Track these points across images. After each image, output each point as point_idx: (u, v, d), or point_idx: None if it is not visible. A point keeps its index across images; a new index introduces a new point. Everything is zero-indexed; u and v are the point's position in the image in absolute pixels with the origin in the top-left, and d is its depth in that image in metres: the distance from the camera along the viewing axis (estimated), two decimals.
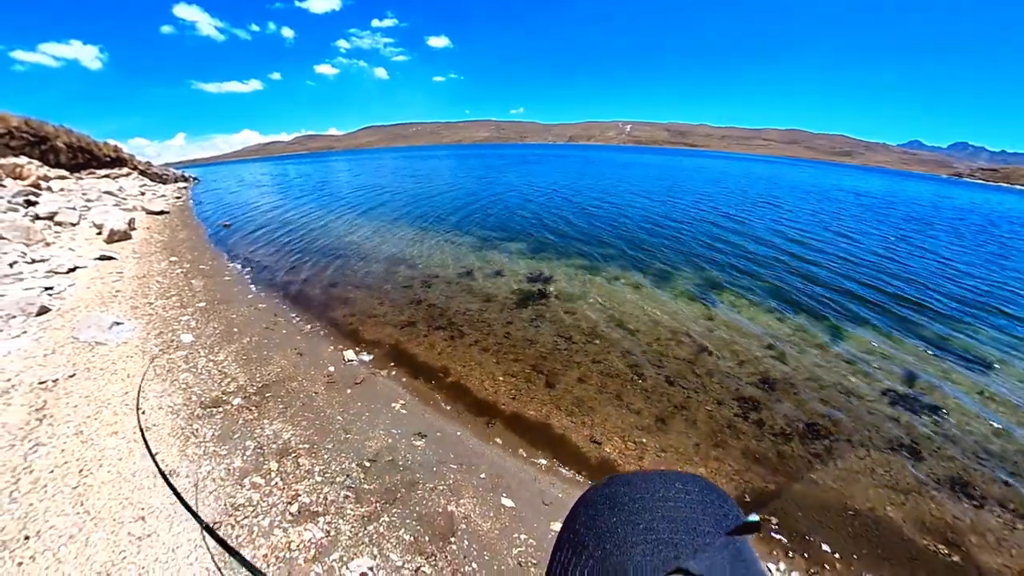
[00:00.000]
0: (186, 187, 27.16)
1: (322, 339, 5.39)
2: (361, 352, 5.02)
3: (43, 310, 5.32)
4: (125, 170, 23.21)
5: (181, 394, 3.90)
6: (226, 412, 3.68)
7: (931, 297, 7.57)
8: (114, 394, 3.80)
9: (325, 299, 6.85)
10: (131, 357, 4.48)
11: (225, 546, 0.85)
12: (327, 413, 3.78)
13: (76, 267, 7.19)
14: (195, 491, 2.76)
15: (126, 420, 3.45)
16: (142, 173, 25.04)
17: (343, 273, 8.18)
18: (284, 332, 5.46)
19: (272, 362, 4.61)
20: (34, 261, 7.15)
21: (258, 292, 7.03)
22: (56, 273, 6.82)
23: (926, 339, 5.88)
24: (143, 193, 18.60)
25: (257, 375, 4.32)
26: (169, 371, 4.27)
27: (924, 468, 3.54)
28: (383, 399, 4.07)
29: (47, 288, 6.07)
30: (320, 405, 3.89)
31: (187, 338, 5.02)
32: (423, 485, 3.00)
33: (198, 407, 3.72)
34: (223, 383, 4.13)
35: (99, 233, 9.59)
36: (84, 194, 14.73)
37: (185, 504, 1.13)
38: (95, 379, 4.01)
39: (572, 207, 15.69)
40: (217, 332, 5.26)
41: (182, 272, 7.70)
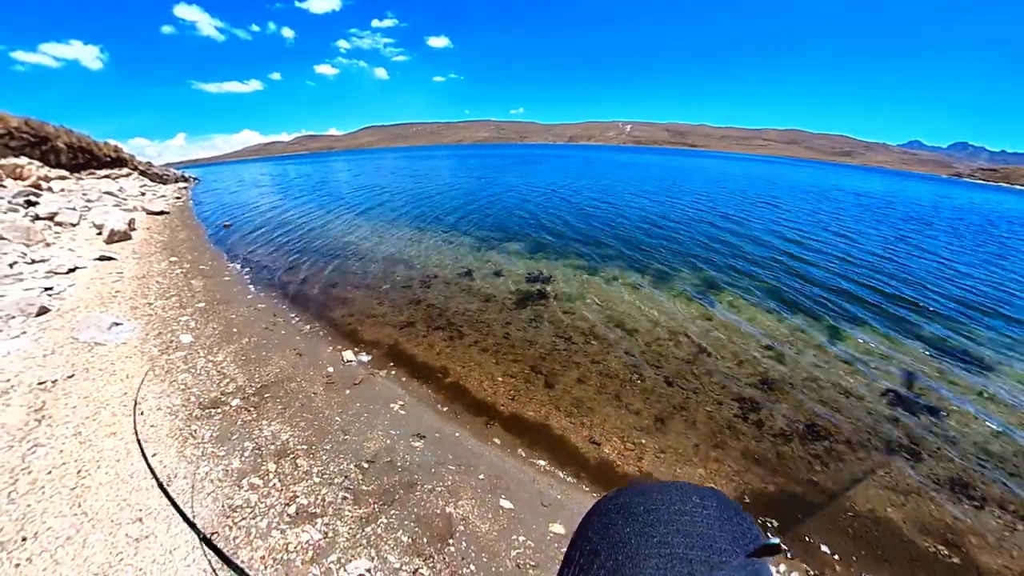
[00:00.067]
0: (186, 187, 27.17)
1: (321, 339, 5.38)
2: (360, 352, 5.01)
3: (43, 310, 5.32)
4: (125, 170, 23.22)
5: (180, 395, 3.89)
6: (225, 413, 3.67)
7: (930, 298, 7.57)
8: (113, 395, 3.80)
9: (324, 299, 6.84)
10: (130, 358, 4.47)
11: (223, 557, 0.85)
12: (326, 414, 3.77)
13: (76, 267, 7.19)
14: (192, 492, 2.75)
15: (124, 421, 3.44)
16: (142, 173, 25.05)
17: (342, 273, 8.18)
18: (283, 332, 5.45)
19: (271, 363, 4.61)
20: (34, 261, 7.15)
21: (257, 292, 7.03)
22: (56, 273, 6.81)
23: (925, 340, 5.87)
24: (143, 193, 18.60)
25: (256, 376, 4.32)
26: (168, 372, 4.26)
27: (924, 469, 3.53)
28: (382, 400, 4.06)
29: (47, 288, 6.07)
30: (319, 406, 3.89)
31: (186, 339, 5.02)
32: (421, 486, 3.00)
33: (197, 408, 3.71)
34: (222, 384, 4.13)
35: (99, 233, 9.59)
36: (84, 194, 14.73)
37: (183, 515, 1.12)
38: (94, 380, 4.01)
39: (571, 207, 15.69)
40: (216, 333, 5.26)
41: (182, 272, 7.70)
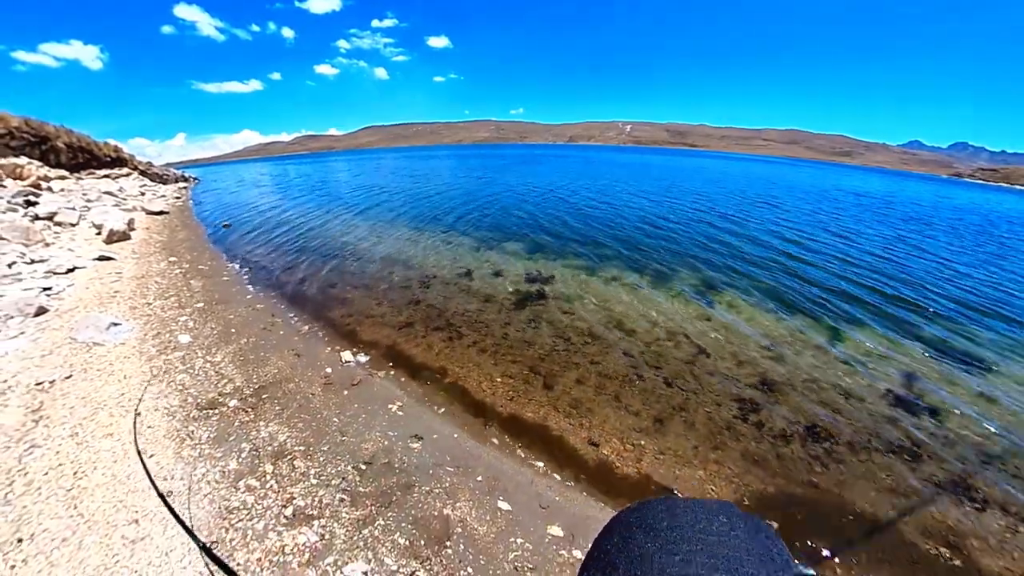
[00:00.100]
0: (186, 187, 27.17)
1: (320, 340, 5.37)
2: (358, 353, 5.00)
3: (41, 311, 5.30)
4: (125, 170, 23.21)
5: (177, 395, 3.88)
6: (222, 414, 3.66)
7: (930, 298, 7.54)
8: (110, 396, 3.79)
9: (323, 299, 6.83)
10: (128, 358, 4.46)
11: (223, 566, 0.84)
12: (324, 415, 3.76)
13: (75, 267, 7.18)
14: (188, 494, 2.74)
15: (122, 422, 3.43)
16: (142, 173, 25.05)
17: (341, 273, 8.16)
18: (282, 333, 5.44)
19: (269, 363, 4.59)
20: (33, 261, 7.13)
21: (256, 292, 7.01)
22: (55, 273, 6.80)
23: (925, 340, 5.85)
24: (143, 193, 18.60)
25: (254, 376, 4.30)
26: (166, 372, 4.25)
27: (925, 471, 3.51)
28: (380, 401, 4.05)
29: (45, 288, 6.06)
30: (317, 407, 3.87)
31: (184, 339, 5.00)
32: (419, 488, 2.98)
33: (194, 409, 3.70)
34: (220, 384, 4.11)
35: (98, 233, 9.58)
36: (84, 194, 14.72)
37: (183, 524, 1.11)
38: (92, 380, 3.99)
39: (571, 207, 15.66)
40: (215, 333, 5.24)
41: (181, 272, 7.69)
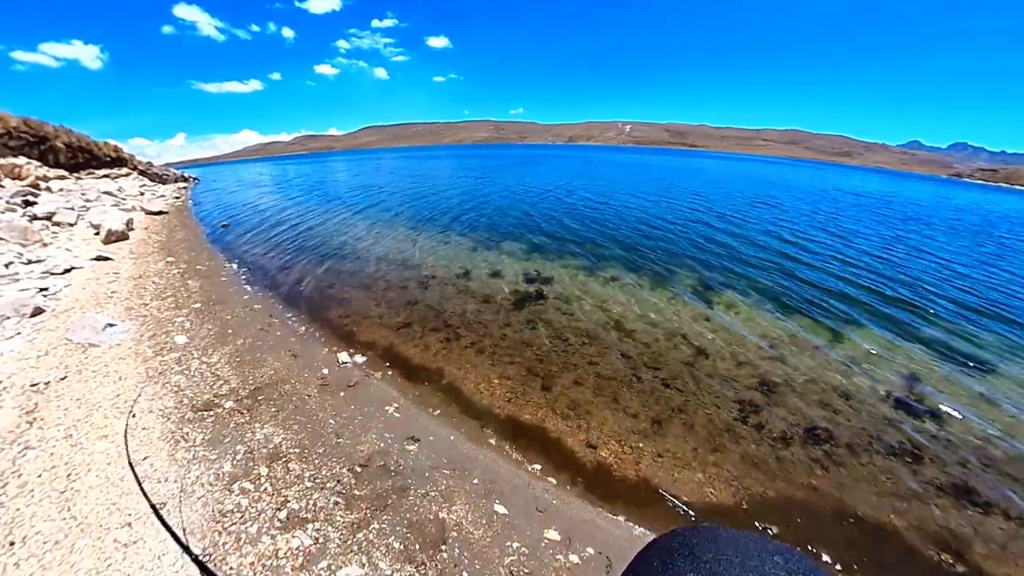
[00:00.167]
0: (186, 187, 27.14)
1: (316, 340, 5.34)
2: (355, 354, 4.97)
3: (37, 311, 5.28)
4: (125, 170, 23.19)
5: (172, 397, 3.85)
6: (217, 416, 3.63)
7: (931, 299, 7.51)
8: (105, 397, 3.76)
9: (321, 300, 6.80)
10: (124, 359, 4.43)
11: None
12: (319, 416, 3.73)
13: (72, 268, 7.15)
14: (181, 496, 2.71)
15: (116, 424, 3.40)
16: (142, 173, 25.02)
17: (339, 273, 8.13)
18: (279, 333, 5.41)
19: (265, 364, 4.56)
20: (30, 262, 7.11)
21: (254, 293, 6.99)
22: (52, 274, 6.78)
23: (925, 342, 5.82)
24: (142, 193, 18.58)
25: (250, 377, 4.27)
26: (161, 373, 4.22)
27: (926, 474, 3.48)
28: (377, 402, 4.02)
29: (42, 289, 6.03)
30: (313, 408, 3.85)
31: (181, 340, 4.98)
32: (415, 491, 2.95)
33: (189, 410, 3.67)
34: (215, 386, 4.09)
35: (96, 233, 9.55)
36: (83, 194, 14.69)
37: (176, 538, 1.08)
38: (87, 382, 3.97)
39: (570, 208, 15.63)
40: (211, 334, 5.22)
41: (178, 273, 7.66)
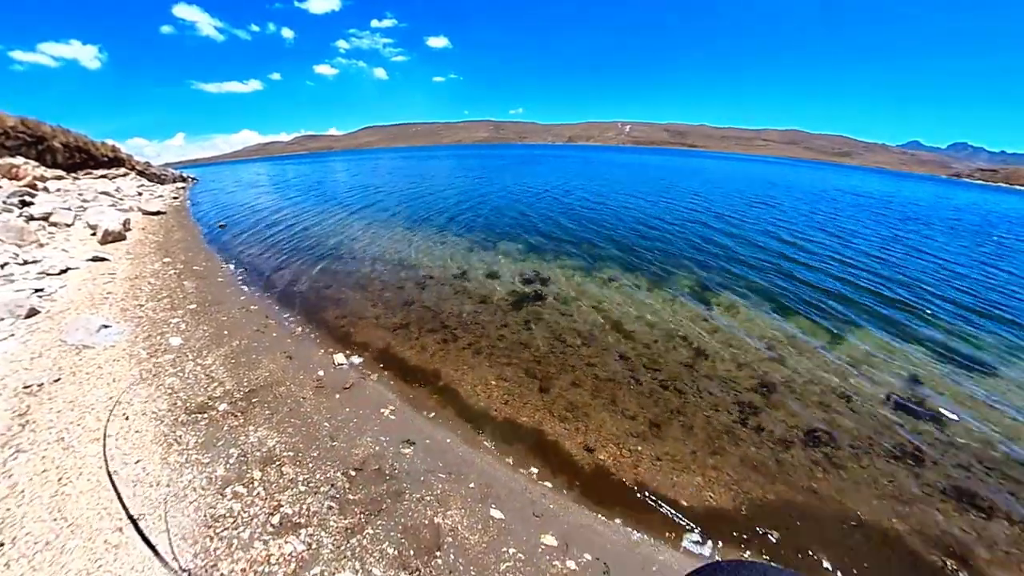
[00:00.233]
0: (184, 187, 27.07)
1: (313, 342, 5.30)
2: (352, 355, 4.93)
3: (32, 312, 5.24)
4: (123, 170, 23.12)
5: (166, 399, 3.81)
6: (211, 418, 3.59)
7: (929, 300, 7.48)
8: (98, 399, 3.72)
9: (317, 300, 6.76)
10: (118, 361, 4.39)
11: None
12: (314, 419, 3.69)
13: (68, 268, 7.11)
14: (164, 506, 2.65)
15: (109, 427, 3.36)
16: (140, 173, 24.94)
17: (336, 274, 8.09)
18: (274, 335, 5.37)
19: (261, 366, 4.52)
20: (26, 262, 7.06)
21: (251, 293, 6.94)
22: (47, 274, 6.73)
23: (925, 343, 5.79)
24: (140, 193, 18.51)
25: (245, 380, 4.23)
26: (155, 375, 4.18)
27: (928, 477, 3.44)
28: (372, 404, 3.98)
29: (37, 290, 5.98)
30: (308, 411, 3.81)
31: (176, 341, 4.93)
32: (409, 495, 2.91)
33: (183, 413, 3.63)
34: (210, 388, 4.05)
35: (93, 234, 9.50)
36: (80, 194, 14.65)
37: (157, 554, 1.05)
38: (80, 384, 3.93)
39: (570, 208, 15.60)
40: (207, 335, 5.17)
41: (175, 273, 7.61)
